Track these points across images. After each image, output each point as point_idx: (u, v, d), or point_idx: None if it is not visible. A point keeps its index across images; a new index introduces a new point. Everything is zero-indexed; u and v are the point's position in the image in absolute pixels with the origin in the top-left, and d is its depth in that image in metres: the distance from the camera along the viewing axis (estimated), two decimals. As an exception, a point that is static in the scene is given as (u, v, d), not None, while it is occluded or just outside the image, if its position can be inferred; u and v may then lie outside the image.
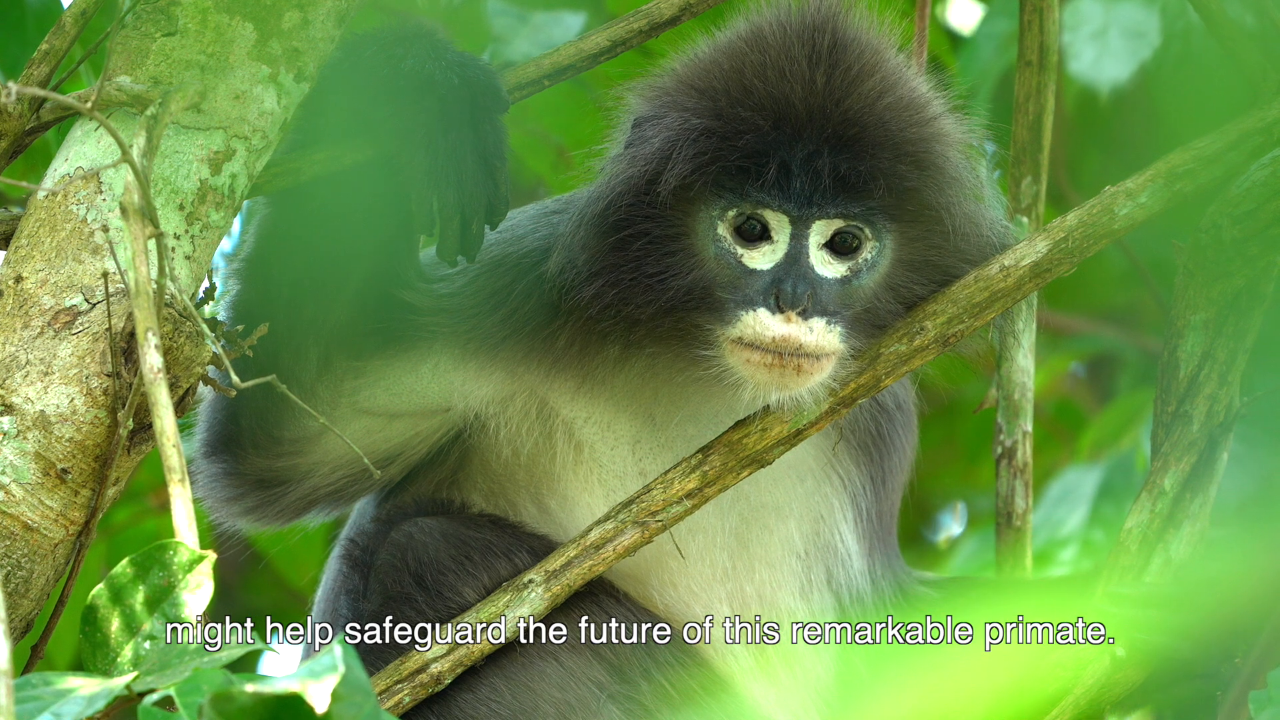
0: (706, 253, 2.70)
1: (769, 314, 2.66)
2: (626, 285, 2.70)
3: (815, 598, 2.92)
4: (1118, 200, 2.78)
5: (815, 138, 2.66)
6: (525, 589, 2.76)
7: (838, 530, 2.93)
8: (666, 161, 2.67)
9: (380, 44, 2.73)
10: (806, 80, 2.68)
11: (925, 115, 2.73)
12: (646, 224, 2.70)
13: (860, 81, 2.69)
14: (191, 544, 2.33)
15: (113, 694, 2.22)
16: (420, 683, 2.74)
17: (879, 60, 2.72)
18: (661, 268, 2.70)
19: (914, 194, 2.71)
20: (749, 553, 2.89)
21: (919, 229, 2.73)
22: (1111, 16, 4.15)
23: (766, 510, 2.90)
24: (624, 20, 2.85)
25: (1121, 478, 4.38)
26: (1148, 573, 2.82)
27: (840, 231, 2.70)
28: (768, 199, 2.67)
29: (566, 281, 2.74)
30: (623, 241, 2.70)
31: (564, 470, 2.87)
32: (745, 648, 2.88)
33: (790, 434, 2.77)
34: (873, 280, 2.72)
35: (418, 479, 2.92)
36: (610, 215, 2.70)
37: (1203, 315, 2.83)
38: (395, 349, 2.84)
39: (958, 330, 2.78)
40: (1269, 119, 2.75)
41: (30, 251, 2.59)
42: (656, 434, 2.86)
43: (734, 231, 2.70)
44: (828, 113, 2.67)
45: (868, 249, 2.71)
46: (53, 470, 2.54)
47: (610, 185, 2.71)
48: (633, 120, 2.75)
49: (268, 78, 2.65)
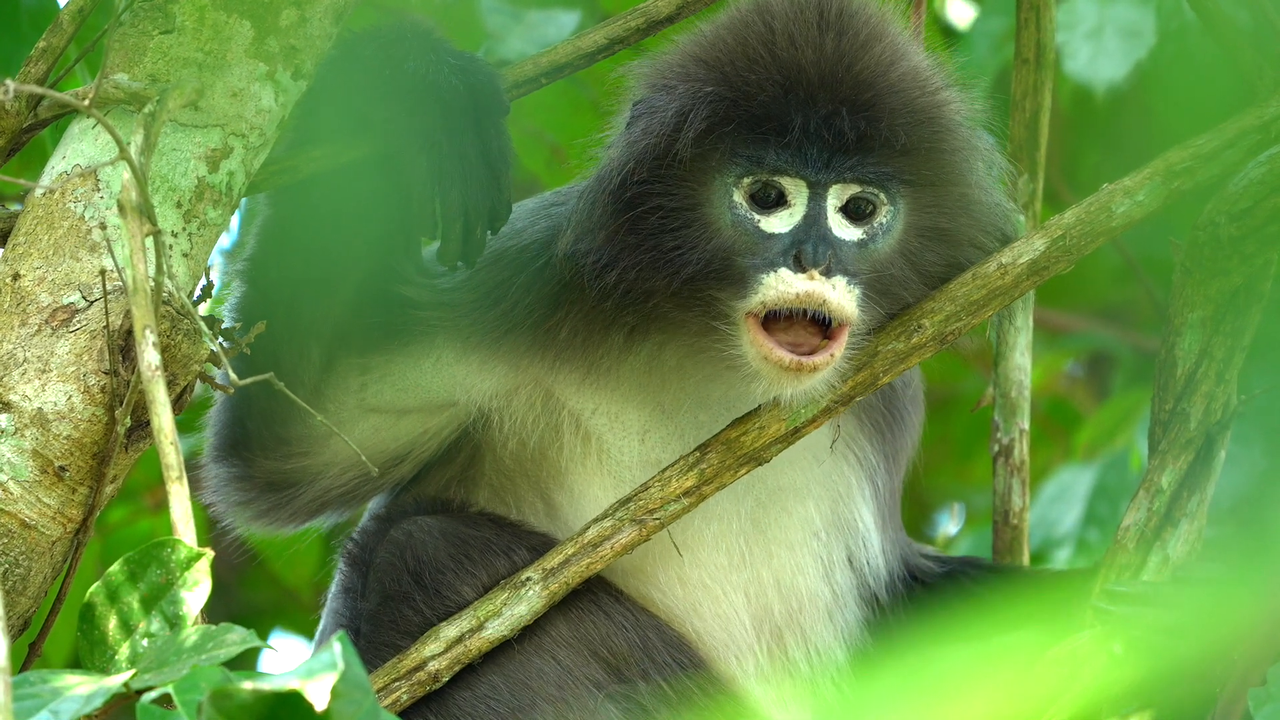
0: (723, 221, 2.69)
1: (790, 273, 2.65)
2: (646, 263, 2.70)
3: (837, 578, 2.91)
4: (1115, 198, 2.78)
5: (830, 101, 2.66)
6: (523, 587, 2.76)
7: (856, 509, 2.92)
8: (681, 127, 2.66)
9: (380, 43, 2.72)
10: (816, 45, 2.68)
11: (935, 83, 2.74)
12: (661, 198, 2.69)
13: (869, 47, 2.70)
14: (189, 541, 2.33)
15: (110, 692, 2.22)
16: (418, 680, 2.74)
17: (885, 28, 2.73)
18: (679, 240, 2.69)
19: (928, 158, 2.71)
20: (767, 537, 2.87)
21: (932, 195, 2.73)
22: (1107, 15, 4.15)
23: (784, 492, 2.88)
24: (621, 18, 2.85)
25: (1117, 476, 4.38)
26: (1145, 571, 2.82)
27: (855, 197, 2.70)
28: (784, 165, 2.67)
29: (580, 265, 2.73)
30: (638, 218, 2.70)
31: (572, 463, 2.86)
32: (747, 649, 2.87)
33: (788, 432, 2.77)
34: (888, 245, 2.71)
35: (428, 477, 2.92)
36: (624, 191, 2.69)
37: (1200, 313, 2.83)
38: (397, 344, 2.83)
39: (955, 328, 2.79)
40: (1266, 117, 2.76)
41: (28, 249, 2.59)
42: (666, 422, 2.84)
43: (749, 198, 2.69)
44: (839, 76, 2.67)
45: (883, 213, 2.71)
46: (50, 468, 2.53)
47: (622, 161, 2.70)
48: (634, 101, 2.75)
49: (265, 75, 2.65)
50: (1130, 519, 2.85)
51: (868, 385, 2.78)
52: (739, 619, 2.86)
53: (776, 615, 2.88)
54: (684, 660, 2.81)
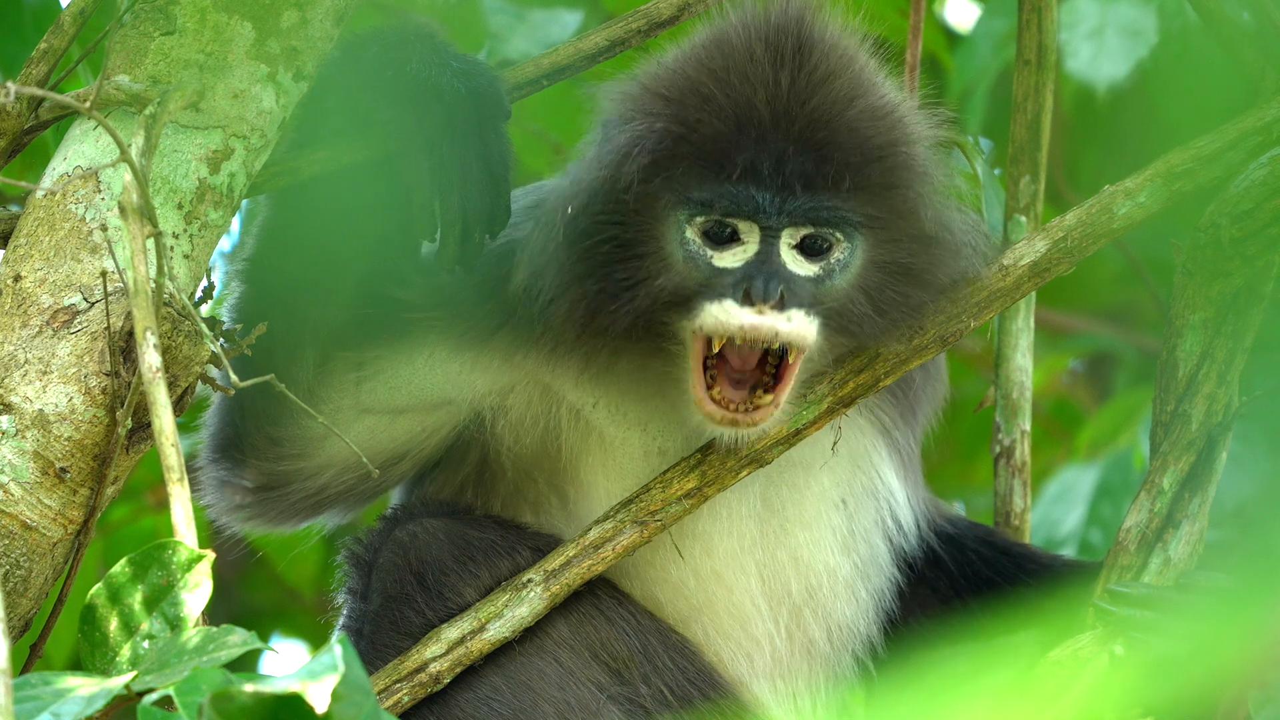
0: (675, 256, 2.66)
1: (735, 305, 2.62)
2: (595, 294, 2.67)
3: (859, 549, 2.89)
4: (1117, 199, 2.78)
5: (781, 141, 2.62)
6: (524, 588, 2.76)
7: (878, 472, 2.91)
8: (625, 163, 2.63)
9: (382, 45, 2.72)
10: (770, 83, 2.63)
11: (894, 117, 2.68)
12: (613, 230, 2.67)
13: (826, 84, 2.65)
14: (190, 543, 2.33)
15: (111, 693, 2.22)
16: (419, 682, 2.74)
17: (846, 62, 2.67)
18: (629, 272, 2.66)
19: (885, 196, 2.67)
20: (781, 516, 2.86)
21: (890, 232, 2.69)
22: (1108, 15, 4.15)
23: (796, 468, 2.86)
24: (623, 20, 2.85)
25: (1119, 477, 4.38)
26: (1146, 572, 2.82)
27: (810, 235, 2.67)
28: (735, 208, 2.64)
29: (533, 297, 2.71)
30: (590, 249, 2.67)
31: (576, 456, 2.85)
32: (765, 639, 2.86)
33: (789, 434, 2.77)
34: (845, 281, 2.68)
35: (438, 479, 2.91)
36: (577, 223, 2.67)
37: (1201, 315, 2.83)
38: (390, 342, 2.83)
39: (957, 329, 2.79)
40: (1267, 118, 2.75)
41: (29, 250, 2.59)
42: (669, 412, 2.83)
43: (702, 235, 2.66)
44: (793, 115, 2.63)
45: (839, 250, 2.68)
46: (51, 469, 2.54)
47: (576, 188, 2.69)
48: (598, 127, 2.73)
49: (266, 77, 2.65)
50: (1131, 520, 2.85)
51: (869, 386, 2.78)
52: (754, 607, 2.85)
53: (795, 594, 2.86)
54: (685, 666, 2.81)
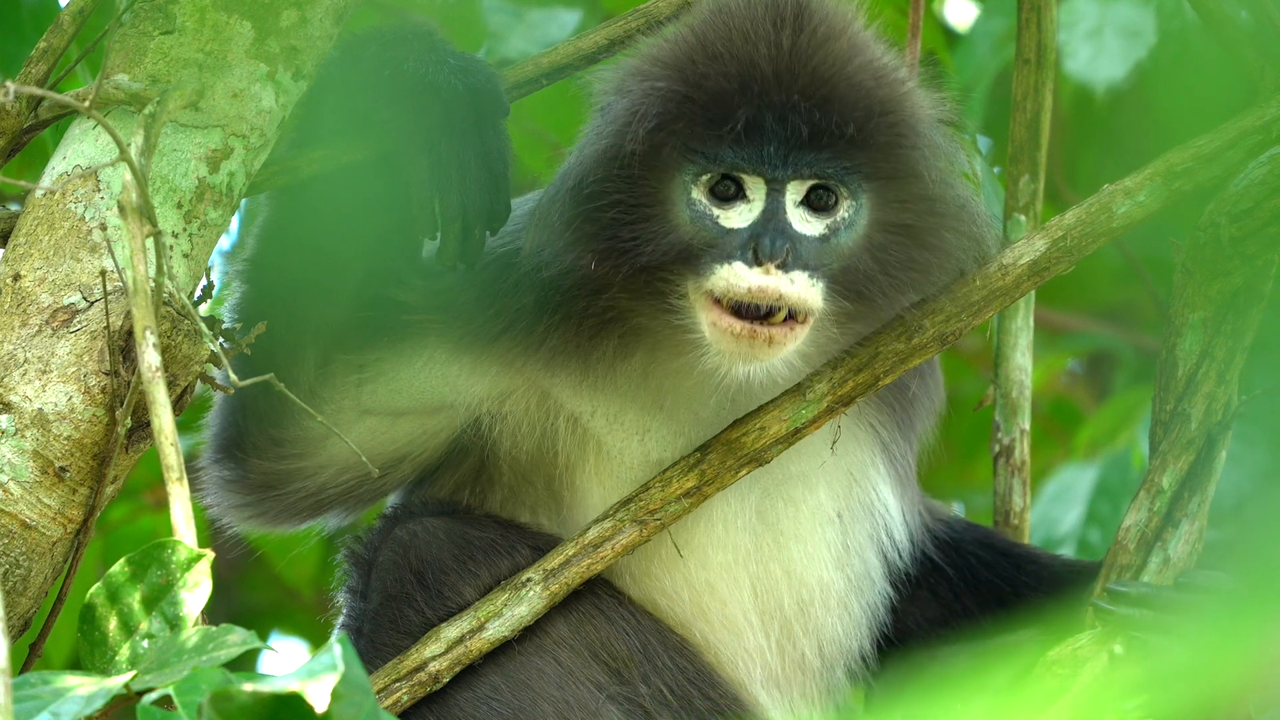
0: (681, 217, 2.67)
1: (745, 267, 2.62)
2: (602, 253, 2.68)
3: (853, 564, 2.90)
4: (1116, 199, 2.78)
5: (784, 95, 2.64)
6: (523, 588, 2.76)
7: (874, 487, 2.91)
8: (630, 126, 2.65)
9: (381, 44, 2.72)
10: (772, 41, 2.66)
11: (895, 77, 2.72)
12: (620, 194, 2.68)
13: (828, 43, 2.68)
14: (190, 542, 2.33)
15: (111, 693, 2.22)
16: (419, 681, 2.74)
17: (846, 25, 2.71)
18: (636, 233, 2.67)
19: (887, 152, 2.69)
20: (775, 530, 2.86)
21: (894, 190, 2.70)
22: (1107, 15, 4.15)
23: (792, 482, 2.87)
24: (622, 19, 2.85)
25: (1118, 476, 4.38)
26: (1146, 572, 2.82)
27: (816, 188, 2.68)
28: (741, 162, 2.66)
29: (542, 259, 2.72)
30: (597, 211, 2.68)
31: (573, 464, 2.86)
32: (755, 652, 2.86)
33: (788, 433, 2.77)
34: (852, 239, 2.69)
35: (438, 480, 2.91)
36: (584, 188, 2.68)
37: (1201, 314, 2.83)
38: (390, 345, 2.83)
39: (956, 328, 2.79)
40: (1267, 117, 2.75)
41: (28, 250, 2.59)
42: (667, 421, 2.82)
43: (709, 193, 2.67)
44: (795, 72, 2.66)
45: (844, 207, 2.69)
46: (51, 468, 2.54)
47: (580, 158, 2.70)
48: (602, 100, 2.74)
49: (266, 76, 2.65)
50: (1131, 519, 2.85)
51: (869, 385, 2.78)
52: (746, 620, 2.86)
53: (786, 609, 2.87)
54: (685, 665, 2.81)
